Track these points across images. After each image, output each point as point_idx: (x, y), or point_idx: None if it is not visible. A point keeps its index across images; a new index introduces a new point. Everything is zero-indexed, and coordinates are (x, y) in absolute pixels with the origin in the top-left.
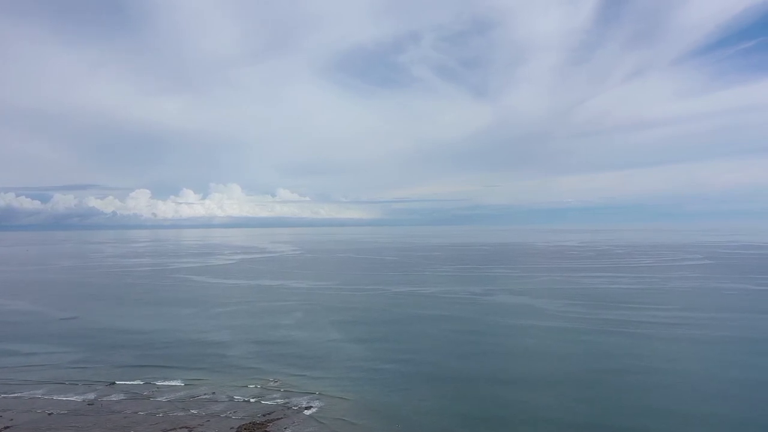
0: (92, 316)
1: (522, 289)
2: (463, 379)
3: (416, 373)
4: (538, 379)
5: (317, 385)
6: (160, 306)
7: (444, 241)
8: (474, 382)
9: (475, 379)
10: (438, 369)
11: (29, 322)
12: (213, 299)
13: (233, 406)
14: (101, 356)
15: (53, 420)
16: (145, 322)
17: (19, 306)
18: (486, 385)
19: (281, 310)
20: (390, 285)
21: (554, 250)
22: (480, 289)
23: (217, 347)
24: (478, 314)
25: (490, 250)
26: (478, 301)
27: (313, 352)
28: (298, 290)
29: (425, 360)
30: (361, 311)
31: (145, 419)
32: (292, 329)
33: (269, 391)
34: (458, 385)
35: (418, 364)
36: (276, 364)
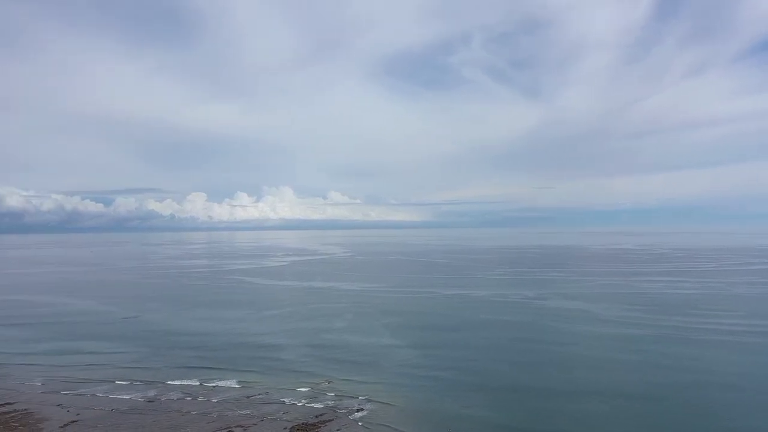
0: (152, 315)
1: (577, 293)
2: (515, 388)
3: (466, 381)
4: (594, 391)
5: (367, 388)
6: (216, 307)
7: (495, 243)
8: (526, 392)
9: (527, 389)
10: (489, 377)
11: (94, 322)
12: (266, 301)
13: (285, 407)
14: (160, 355)
15: (116, 416)
16: (201, 323)
17: (84, 305)
18: (539, 396)
19: (333, 312)
20: (441, 288)
21: (610, 254)
22: (533, 293)
23: (270, 349)
24: (532, 319)
25: (542, 253)
26: (532, 306)
27: (364, 355)
28: (350, 292)
29: (476, 367)
30: (412, 315)
31: (201, 418)
32: (344, 332)
33: (321, 393)
34: (510, 395)
35: (468, 372)
36: (327, 367)
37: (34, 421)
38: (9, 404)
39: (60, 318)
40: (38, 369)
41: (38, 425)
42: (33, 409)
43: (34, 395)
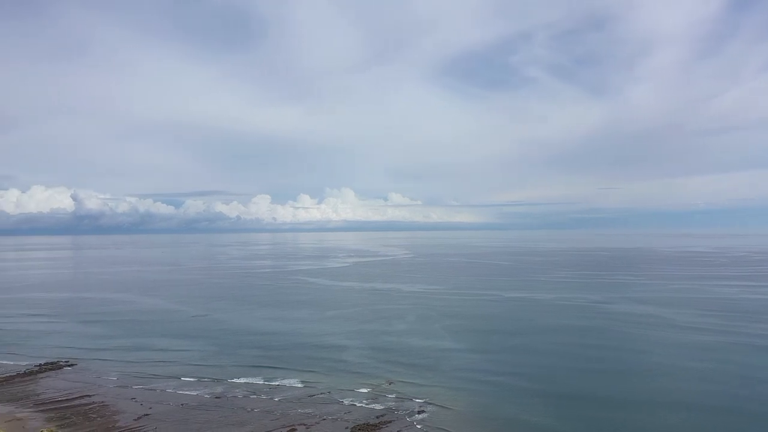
0: (219, 315)
1: (647, 297)
2: (580, 396)
3: (529, 388)
4: (667, 402)
5: (428, 391)
6: (279, 307)
7: (558, 245)
8: (593, 401)
9: (594, 398)
10: (553, 384)
11: (165, 320)
12: (328, 302)
13: (346, 407)
14: (226, 354)
15: (185, 411)
16: (266, 323)
17: (156, 304)
18: (606, 406)
19: (394, 313)
20: (503, 290)
21: (681, 256)
22: (600, 296)
23: (332, 349)
24: (599, 324)
25: (608, 256)
26: (599, 310)
27: (425, 357)
28: (410, 294)
29: (539, 373)
30: (474, 318)
31: (265, 415)
32: (405, 334)
33: (381, 394)
34: (575, 404)
35: (531, 378)
36: (388, 368)
37: (110, 413)
38: (87, 396)
39: (133, 316)
40: (113, 364)
41: (114, 417)
42: (109, 401)
43: (110, 389)
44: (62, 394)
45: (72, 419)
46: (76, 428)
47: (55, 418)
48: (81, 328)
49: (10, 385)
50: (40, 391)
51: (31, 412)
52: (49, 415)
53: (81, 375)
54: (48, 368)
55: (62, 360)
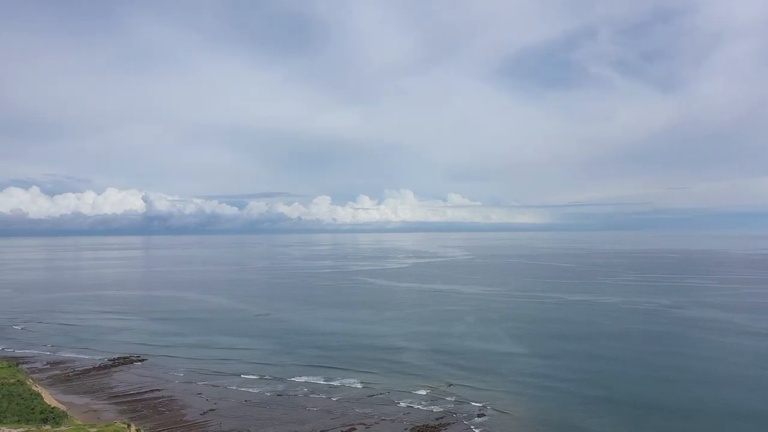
0: (281, 314)
1: (719, 302)
2: (648, 405)
3: (593, 395)
4: (740, 414)
5: (489, 394)
6: (339, 307)
7: (623, 247)
8: (662, 410)
9: (663, 407)
10: (619, 391)
11: (229, 318)
12: (387, 302)
13: (407, 408)
14: (287, 353)
15: (248, 408)
16: (326, 323)
17: (221, 302)
18: (676, 416)
19: (453, 315)
20: (566, 293)
21: (758, 259)
22: (668, 300)
23: (391, 350)
24: (667, 329)
25: (677, 258)
26: (667, 315)
27: (486, 360)
28: (470, 295)
29: (604, 380)
30: (536, 321)
31: (325, 414)
32: (464, 336)
33: (441, 396)
34: (642, 412)
35: (595, 384)
36: (447, 370)
37: (178, 407)
38: (157, 390)
39: (199, 314)
40: (180, 361)
41: (181, 411)
42: (176, 396)
43: (177, 384)
44: (133, 388)
45: (143, 412)
46: (147, 421)
47: (128, 410)
48: (150, 326)
49: (87, 377)
50: (114, 384)
51: (106, 404)
52: (121, 407)
53: (150, 370)
54: (120, 363)
55: (133, 355)
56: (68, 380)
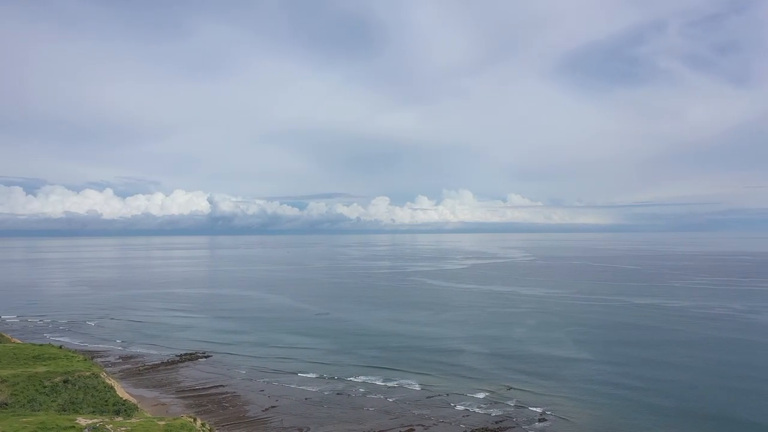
0: (340, 314)
1: None
2: (720, 418)
3: (661, 405)
4: None
5: (550, 399)
6: (398, 308)
7: (694, 249)
8: (734, 425)
9: (736, 421)
10: (690, 402)
11: (290, 318)
12: (446, 303)
13: (465, 411)
14: (346, 352)
15: (308, 405)
16: (385, 323)
17: (282, 301)
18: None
19: (513, 317)
20: (631, 296)
21: None
22: (743, 305)
23: (450, 352)
24: (743, 337)
25: (754, 261)
26: (742, 321)
27: (547, 364)
28: (531, 297)
29: (673, 389)
30: (599, 325)
31: (383, 414)
32: (524, 338)
33: (501, 399)
34: (713, 426)
35: (663, 394)
36: (508, 373)
37: (241, 403)
38: (221, 386)
39: (261, 312)
40: (242, 358)
41: (244, 407)
42: (240, 392)
43: (240, 380)
44: (199, 383)
45: (208, 407)
46: (212, 416)
47: (193, 405)
48: (215, 323)
49: (155, 372)
50: (181, 379)
51: (173, 398)
52: (188, 401)
53: (214, 366)
54: (187, 358)
55: (199, 352)
56: (138, 374)
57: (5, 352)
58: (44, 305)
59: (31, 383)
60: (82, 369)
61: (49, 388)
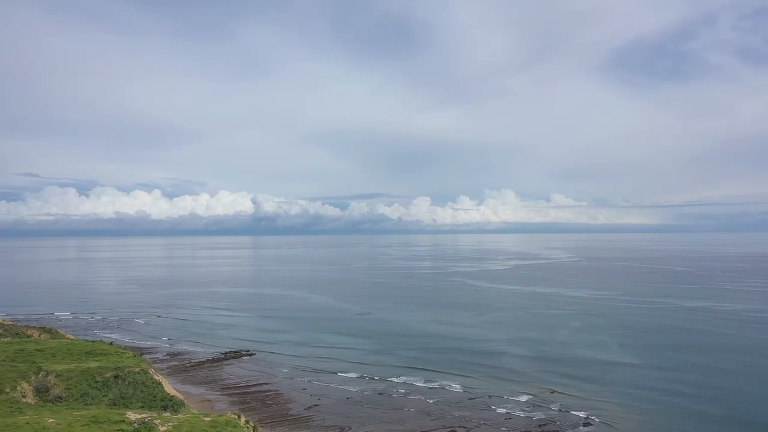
0: (381, 314)
1: None
2: None
3: (713, 413)
4: None
5: (594, 404)
6: (439, 309)
7: (746, 250)
8: None
9: None
10: (742, 411)
11: (331, 317)
12: (488, 304)
13: (507, 413)
14: (387, 353)
15: (350, 405)
16: (426, 324)
17: (324, 301)
18: None
19: (557, 319)
20: (680, 299)
21: None
22: None
23: (492, 354)
24: None
25: None
26: None
27: (591, 367)
28: (575, 299)
29: (725, 397)
30: (646, 328)
31: (424, 415)
32: (569, 340)
33: (544, 402)
34: None
35: (715, 401)
36: (551, 376)
37: (284, 401)
38: (264, 384)
39: (303, 312)
40: (284, 357)
41: (287, 405)
42: (282, 390)
43: (282, 379)
44: (243, 381)
45: (252, 404)
46: (256, 413)
47: (238, 402)
48: (258, 322)
49: (201, 369)
50: (225, 376)
51: (218, 395)
52: (232, 398)
53: (258, 364)
54: (231, 356)
55: (242, 350)
56: (185, 371)
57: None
58: (95, 303)
59: (83, 378)
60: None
61: (101, 383)
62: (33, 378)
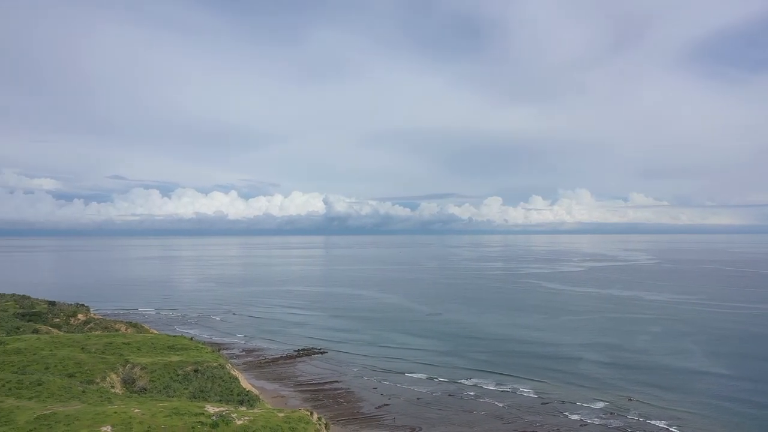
0: (452, 315)
1: None
2: None
3: None
4: None
5: (675, 414)
6: (511, 311)
7: None
8: None
9: None
10: None
11: (402, 317)
12: (562, 307)
13: (581, 420)
14: (458, 355)
15: (419, 406)
16: (497, 327)
17: (394, 301)
18: None
19: (635, 324)
20: None
21: None
22: None
23: (566, 358)
24: None
25: None
26: None
27: (673, 375)
28: (655, 303)
29: None
30: (733, 335)
31: (495, 419)
32: (647, 347)
33: (620, 410)
34: None
35: None
36: (629, 383)
37: (355, 400)
38: (336, 382)
39: (374, 312)
40: (355, 356)
41: (358, 403)
42: (353, 389)
43: (353, 378)
44: (315, 378)
45: (323, 402)
46: (327, 410)
47: (310, 398)
48: (329, 321)
49: (275, 365)
50: (298, 373)
51: (292, 391)
52: (305, 395)
53: (329, 363)
54: (303, 354)
55: (314, 348)
56: (260, 367)
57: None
58: (176, 299)
59: (166, 371)
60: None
61: (182, 376)
62: (121, 370)
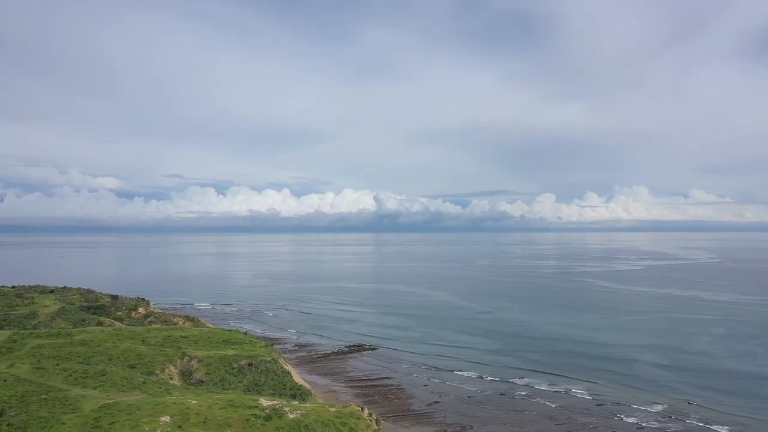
0: (503, 313)
1: None
2: None
3: None
4: None
5: (738, 420)
6: (564, 310)
7: None
8: None
9: None
10: None
11: (452, 315)
12: (618, 307)
13: (637, 423)
14: (510, 354)
15: (470, 404)
16: (550, 326)
17: (445, 298)
18: None
19: (696, 324)
20: None
21: None
22: None
23: (622, 359)
24: None
25: None
26: None
27: (736, 379)
28: (717, 303)
29: None
30: None
31: (547, 420)
32: (710, 349)
33: (679, 414)
34: None
35: None
36: (688, 387)
37: (406, 396)
38: (387, 379)
39: (424, 309)
40: (405, 353)
41: (409, 400)
42: (404, 385)
43: (403, 375)
44: (365, 374)
45: (374, 397)
46: (378, 406)
47: (361, 394)
48: (379, 318)
49: (327, 361)
50: (349, 369)
51: (343, 386)
52: (356, 391)
53: (379, 359)
54: (354, 350)
55: (365, 344)
56: (312, 362)
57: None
58: (231, 295)
59: (221, 364)
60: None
61: (237, 369)
62: (179, 362)
